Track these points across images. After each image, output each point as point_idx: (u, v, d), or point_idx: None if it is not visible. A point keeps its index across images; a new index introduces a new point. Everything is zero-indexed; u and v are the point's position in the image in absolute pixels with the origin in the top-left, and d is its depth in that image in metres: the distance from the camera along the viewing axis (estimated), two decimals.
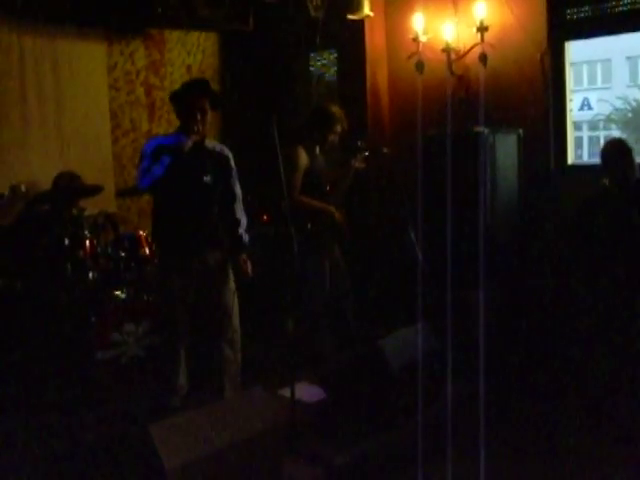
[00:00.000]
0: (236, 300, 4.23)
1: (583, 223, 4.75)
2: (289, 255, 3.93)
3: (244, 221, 4.30)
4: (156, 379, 4.42)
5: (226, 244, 4.24)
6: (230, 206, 4.24)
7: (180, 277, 4.07)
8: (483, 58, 5.50)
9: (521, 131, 5.40)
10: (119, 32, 6.14)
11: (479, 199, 5.08)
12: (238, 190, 4.29)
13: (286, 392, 3.87)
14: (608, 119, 22.82)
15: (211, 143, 4.21)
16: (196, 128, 3.92)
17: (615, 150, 4.73)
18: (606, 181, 4.69)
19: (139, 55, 6.33)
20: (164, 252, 4.23)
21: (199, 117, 3.94)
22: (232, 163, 4.25)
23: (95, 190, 5.02)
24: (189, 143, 3.92)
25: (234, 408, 3.20)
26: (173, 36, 6.57)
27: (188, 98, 4.00)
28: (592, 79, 24.49)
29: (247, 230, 4.31)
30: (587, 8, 5.30)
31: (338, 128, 4.96)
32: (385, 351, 4.00)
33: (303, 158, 4.88)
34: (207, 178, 4.07)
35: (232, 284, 4.24)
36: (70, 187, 4.89)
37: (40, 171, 5.44)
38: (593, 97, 23.36)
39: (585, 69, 23.88)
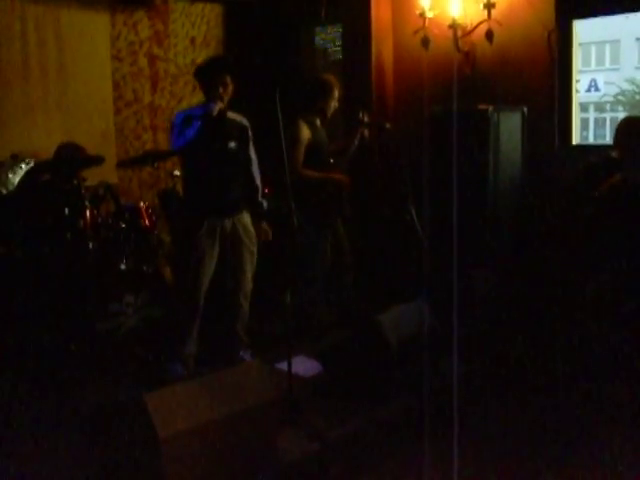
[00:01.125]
0: (253, 259, 4.56)
1: (585, 189, 4.66)
2: (289, 229, 3.93)
3: (260, 187, 4.62)
4: (155, 350, 4.44)
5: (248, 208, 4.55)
6: (249, 171, 4.55)
7: (210, 238, 4.31)
8: (490, 35, 5.46)
9: (525, 109, 5.35)
10: (123, 2, 6.08)
11: (483, 177, 5.06)
12: (255, 157, 4.60)
13: (283, 365, 3.88)
14: (615, 101, 22.68)
15: (232, 114, 4.45)
16: (219, 99, 4.24)
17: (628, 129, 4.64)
18: (614, 153, 4.59)
19: (143, 26, 6.27)
20: (198, 213, 4.36)
21: (221, 90, 4.24)
22: (250, 132, 4.55)
23: (96, 160, 5.00)
24: (215, 108, 4.22)
25: (230, 380, 3.20)
26: (177, 7, 6.51)
27: (211, 73, 4.29)
28: (600, 60, 24.30)
29: (260, 193, 4.63)
30: None
31: (336, 93, 5.02)
32: (383, 326, 4.00)
33: (305, 132, 4.88)
34: (232, 144, 4.38)
35: (255, 247, 4.55)
36: (71, 157, 4.88)
37: (42, 141, 5.44)
38: (601, 78, 23.19)
39: (593, 50, 23.69)
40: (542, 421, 3.91)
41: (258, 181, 4.60)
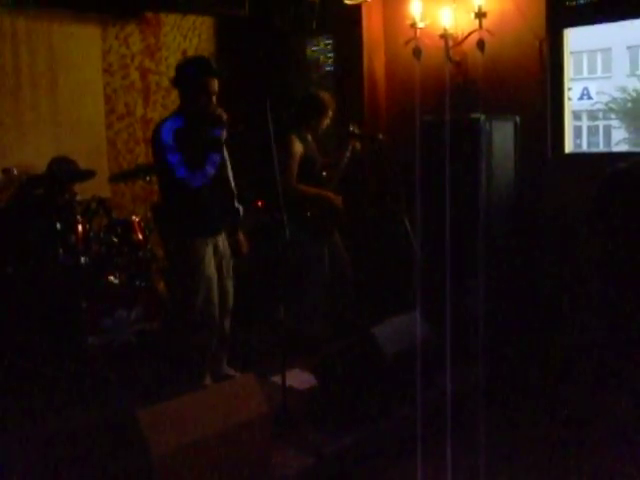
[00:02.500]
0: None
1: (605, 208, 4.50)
2: (281, 241, 3.91)
3: (236, 192, 4.39)
4: (148, 365, 4.41)
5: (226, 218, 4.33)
6: (226, 175, 4.31)
7: (210, 256, 4.12)
8: (481, 44, 5.46)
9: (518, 118, 5.34)
10: (114, 15, 6.07)
11: (475, 186, 5.05)
12: (228, 158, 4.32)
13: (278, 379, 3.85)
14: (607, 109, 22.76)
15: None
16: (220, 115, 3.94)
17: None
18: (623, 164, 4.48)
19: (134, 39, 6.25)
20: (192, 234, 4.08)
21: (214, 100, 4.00)
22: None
23: (88, 175, 4.99)
24: (224, 134, 3.96)
25: (223, 394, 3.17)
26: (169, 20, 6.49)
27: (197, 79, 3.99)
28: (592, 68, 24.41)
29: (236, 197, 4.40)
30: None
31: (330, 112, 5.00)
32: (378, 338, 3.97)
33: (297, 145, 4.89)
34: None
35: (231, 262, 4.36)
36: (63, 171, 4.86)
37: (34, 155, 5.41)
38: (593, 87, 23.27)
39: (585, 58, 23.80)
40: (539, 434, 3.90)
41: (233, 183, 4.36)
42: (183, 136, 3.90)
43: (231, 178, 4.35)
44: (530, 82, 5.47)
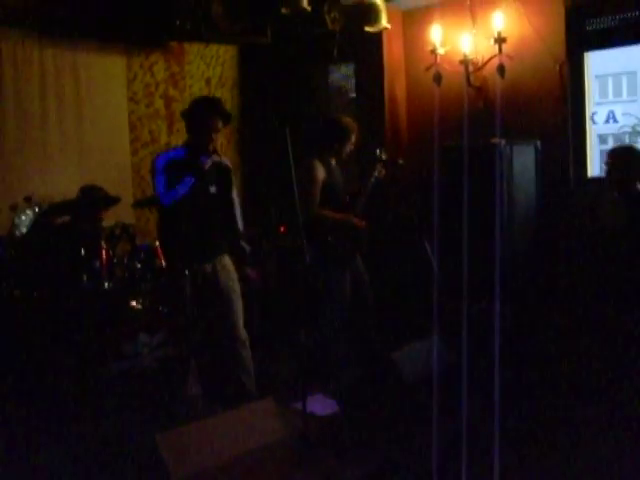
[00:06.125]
0: (240, 302, 4.42)
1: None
2: (302, 267, 3.92)
3: (242, 231, 4.53)
4: (168, 390, 4.42)
5: (230, 252, 4.47)
6: (231, 212, 4.46)
7: (194, 283, 4.22)
8: (501, 69, 5.45)
9: (539, 143, 5.34)
10: (139, 45, 6.18)
11: (496, 211, 5.03)
12: (237, 199, 4.54)
13: (299, 404, 3.84)
14: (634, 132, 22.63)
15: (216, 156, 4.31)
16: (212, 148, 4.16)
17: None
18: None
19: (158, 68, 6.37)
20: (178, 260, 4.27)
21: (214, 137, 4.18)
22: (232, 174, 4.51)
23: (113, 201, 5.05)
24: (209, 162, 4.15)
25: (244, 419, 3.18)
26: (192, 49, 6.61)
27: (203, 117, 4.20)
28: (617, 92, 24.29)
29: (242, 237, 4.55)
30: (606, 18, 5.24)
31: (353, 138, 5.00)
32: (399, 364, 3.97)
33: (320, 171, 4.89)
34: (212, 189, 4.31)
35: (238, 288, 4.42)
36: (92, 198, 4.92)
37: (59, 182, 5.51)
38: (618, 110, 23.15)
39: (610, 82, 23.71)
40: (565, 458, 3.84)
41: (240, 224, 4.51)
42: (174, 164, 4.13)
43: (239, 218, 4.50)
44: (551, 106, 5.47)
